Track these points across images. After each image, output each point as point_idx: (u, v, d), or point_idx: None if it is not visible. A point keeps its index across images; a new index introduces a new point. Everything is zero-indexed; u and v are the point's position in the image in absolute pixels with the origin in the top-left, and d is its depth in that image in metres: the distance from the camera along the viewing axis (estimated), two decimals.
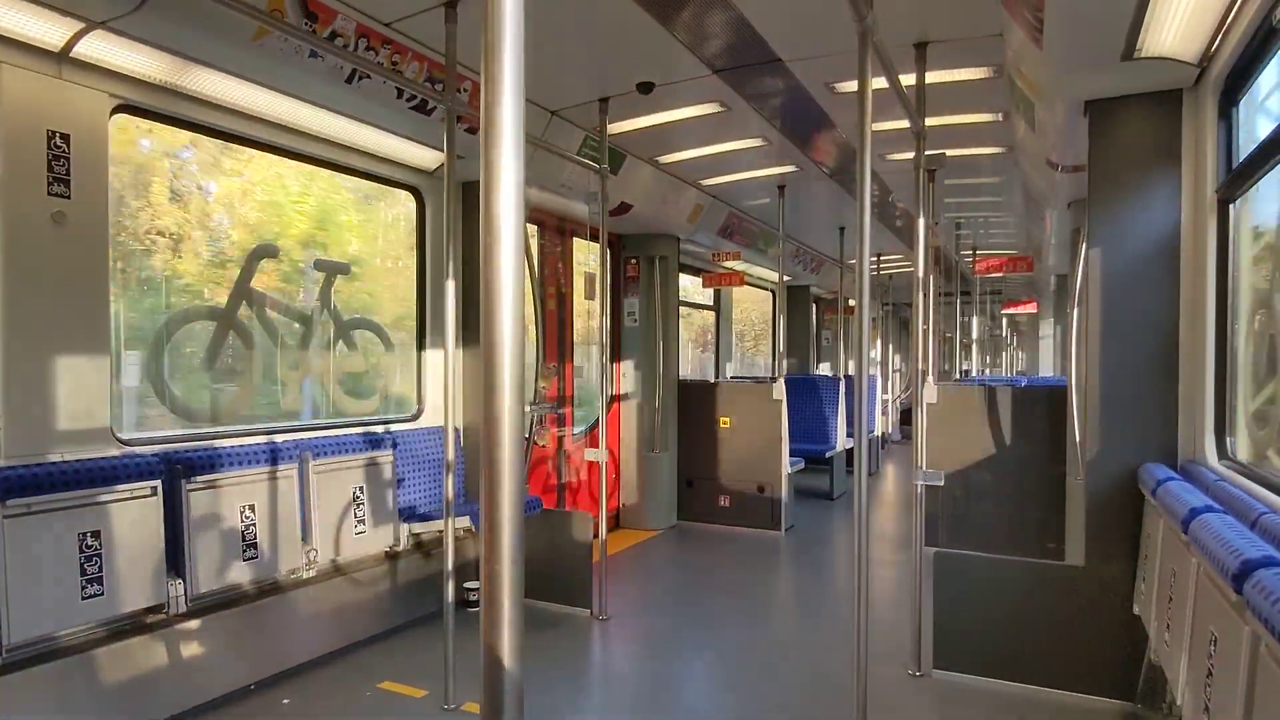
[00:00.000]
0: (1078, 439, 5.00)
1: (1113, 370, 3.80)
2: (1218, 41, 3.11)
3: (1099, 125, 3.83)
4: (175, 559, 3.73)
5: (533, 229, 6.60)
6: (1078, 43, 3.26)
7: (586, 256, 7.04)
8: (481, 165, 1.00)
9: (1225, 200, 3.40)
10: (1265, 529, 2.26)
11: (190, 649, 3.81)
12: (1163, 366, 3.69)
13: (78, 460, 3.39)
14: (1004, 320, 19.58)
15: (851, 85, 4.71)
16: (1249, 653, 1.85)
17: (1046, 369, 16.35)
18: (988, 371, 19.73)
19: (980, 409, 6.33)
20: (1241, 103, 3.30)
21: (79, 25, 3.20)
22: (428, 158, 5.17)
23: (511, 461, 1.01)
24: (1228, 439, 3.43)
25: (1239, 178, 3.23)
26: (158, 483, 3.61)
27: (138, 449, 3.73)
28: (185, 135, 4.21)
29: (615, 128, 5.47)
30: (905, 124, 4.19)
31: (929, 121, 4.29)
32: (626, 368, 7.97)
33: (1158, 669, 3.09)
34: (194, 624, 3.82)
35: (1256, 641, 1.82)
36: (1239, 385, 3.40)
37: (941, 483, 4.25)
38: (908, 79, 4.03)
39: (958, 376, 13.30)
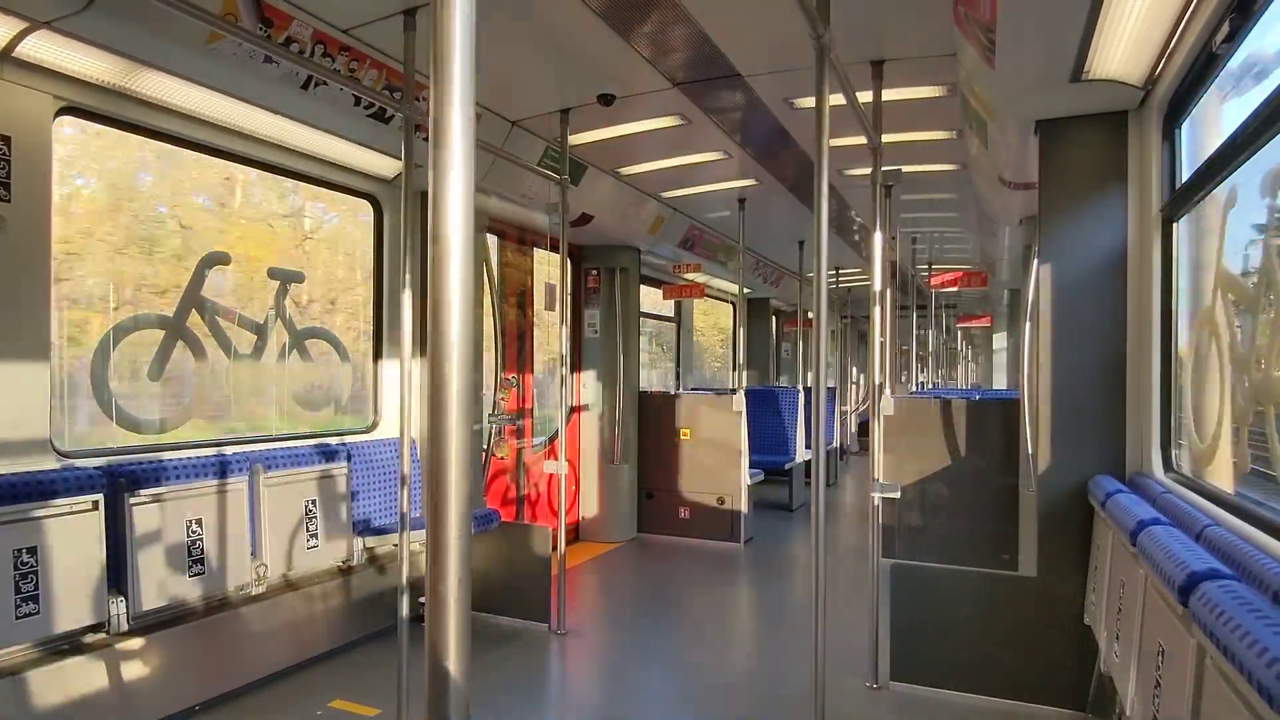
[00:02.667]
0: (1030, 451, 5.09)
1: (1063, 384, 3.88)
2: (1161, 65, 3.21)
3: (1049, 144, 3.92)
4: (117, 575, 3.60)
5: (493, 239, 6.55)
6: (1028, 64, 3.34)
7: (547, 267, 7.00)
8: (430, 174, 0.98)
9: (1169, 219, 3.50)
10: (1210, 541, 2.31)
11: (132, 669, 3.67)
12: (1111, 380, 3.78)
13: (13, 474, 3.25)
14: (959, 334, 19.96)
15: (810, 101, 4.75)
16: (1195, 665, 1.88)
17: (1000, 382, 16.67)
18: (943, 385, 20.08)
19: (936, 422, 6.41)
20: (1184, 124, 3.41)
21: (22, 25, 3.10)
22: (386, 166, 5.10)
23: (458, 478, 0.99)
24: (1173, 452, 3.52)
25: (1181, 197, 3.33)
26: (99, 496, 3.48)
27: (78, 462, 3.61)
28: None
29: (576, 139, 5.47)
30: (862, 140, 4.24)
31: (885, 138, 4.35)
32: (586, 379, 7.94)
33: (1108, 679, 3.14)
34: (136, 643, 3.69)
35: (1202, 654, 1.85)
36: None
37: (898, 495, 4.29)
38: (864, 96, 4.08)
39: (914, 389, 13.50)
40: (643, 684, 4.44)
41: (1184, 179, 3.34)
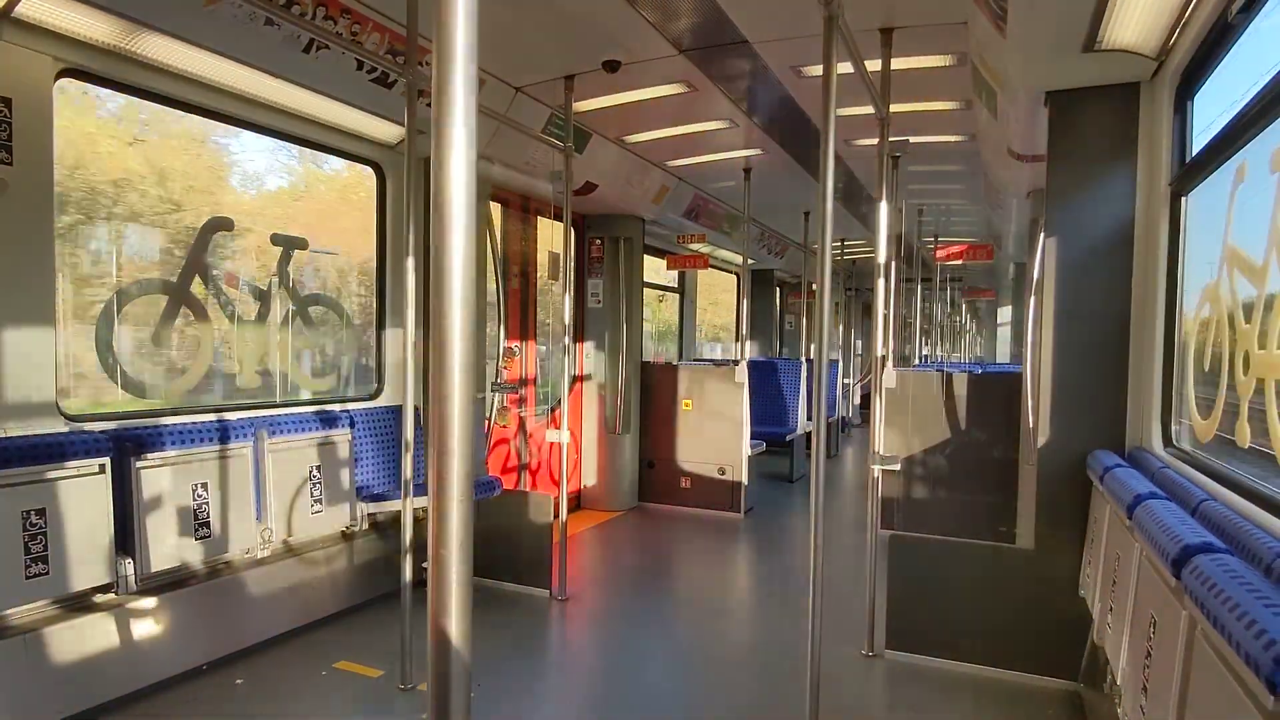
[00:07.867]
0: (1030, 425, 5.10)
1: (1065, 358, 3.88)
2: (1175, 35, 3.16)
3: (1059, 116, 3.88)
4: (125, 538, 3.65)
5: (497, 208, 6.52)
6: (1040, 33, 3.29)
7: (551, 236, 6.98)
8: (433, 140, 0.97)
9: (1178, 193, 3.46)
10: (1205, 515, 2.33)
11: (141, 629, 3.73)
12: (1113, 356, 3.77)
13: (21, 436, 3.28)
14: (963, 307, 19.91)
15: (817, 69, 4.71)
16: (1186, 635, 1.90)
17: (1004, 356, 16.65)
18: (946, 358, 20.08)
19: (937, 395, 6.42)
20: (1196, 97, 3.36)
21: None
22: (389, 132, 5.06)
23: (461, 443, 0.99)
24: (1173, 427, 3.52)
25: (1191, 172, 3.29)
26: (106, 460, 3.51)
27: (85, 425, 3.63)
28: None
29: (581, 106, 5.42)
30: (870, 109, 4.20)
31: (893, 108, 4.31)
32: (589, 349, 7.95)
33: (1100, 649, 3.18)
34: (145, 603, 3.75)
35: (1193, 625, 1.87)
36: None
37: (898, 467, 4.31)
38: (873, 64, 4.03)
39: (917, 362, 13.49)
40: (641, 650, 4.50)
41: (1194, 153, 3.30)
